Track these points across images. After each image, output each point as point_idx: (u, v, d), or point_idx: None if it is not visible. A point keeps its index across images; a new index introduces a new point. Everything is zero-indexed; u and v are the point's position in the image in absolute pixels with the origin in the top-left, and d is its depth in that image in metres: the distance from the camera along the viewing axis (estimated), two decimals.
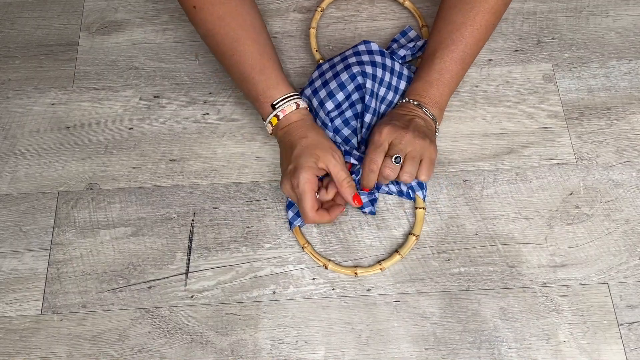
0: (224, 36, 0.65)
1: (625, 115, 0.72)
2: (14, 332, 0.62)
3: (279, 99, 0.64)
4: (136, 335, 0.62)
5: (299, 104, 0.65)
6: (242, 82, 0.66)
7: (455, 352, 0.60)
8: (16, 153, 0.72)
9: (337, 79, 0.66)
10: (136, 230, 0.67)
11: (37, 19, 0.82)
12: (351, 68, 0.66)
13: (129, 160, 0.71)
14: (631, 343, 0.60)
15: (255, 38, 0.66)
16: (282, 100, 0.64)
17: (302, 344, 0.61)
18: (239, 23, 0.66)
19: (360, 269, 0.63)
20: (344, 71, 0.66)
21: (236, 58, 0.65)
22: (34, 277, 0.65)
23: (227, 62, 0.67)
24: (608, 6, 0.79)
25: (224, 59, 0.67)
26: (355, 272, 0.63)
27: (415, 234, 0.64)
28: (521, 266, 0.64)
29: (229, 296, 0.63)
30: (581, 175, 0.68)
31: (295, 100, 0.65)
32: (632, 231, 0.65)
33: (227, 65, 0.67)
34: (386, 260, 0.63)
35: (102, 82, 0.76)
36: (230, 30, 0.65)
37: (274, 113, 0.64)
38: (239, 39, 0.65)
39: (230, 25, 0.65)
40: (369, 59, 0.67)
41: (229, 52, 0.65)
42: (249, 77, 0.65)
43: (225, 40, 0.65)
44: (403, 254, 0.64)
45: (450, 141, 0.71)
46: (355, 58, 0.67)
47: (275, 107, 0.64)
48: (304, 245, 0.64)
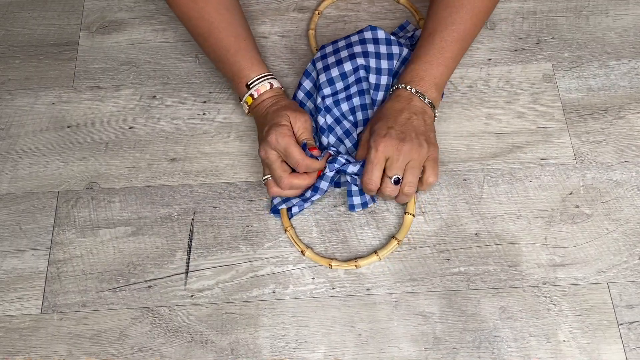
0: (199, 19, 0.67)
1: (625, 114, 0.72)
2: (13, 331, 0.62)
3: (253, 78, 0.66)
4: (136, 334, 0.62)
5: (273, 84, 0.67)
6: (219, 63, 0.69)
7: (455, 352, 0.60)
8: (16, 152, 0.72)
9: (339, 67, 0.67)
10: (136, 230, 0.67)
11: (37, 19, 0.82)
12: (356, 60, 0.66)
13: (128, 159, 0.71)
14: (631, 342, 0.60)
15: (229, 20, 0.68)
16: (256, 80, 0.66)
17: (302, 343, 0.61)
18: (214, 6, 0.67)
19: (336, 262, 0.63)
20: (348, 61, 0.67)
21: (212, 41, 0.68)
22: (33, 276, 0.65)
23: (204, 44, 0.69)
24: (608, 6, 0.79)
25: (201, 42, 0.69)
26: (330, 264, 0.63)
27: (398, 238, 0.64)
28: (521, 266, 0.64)
29: (228, 295, 0.63)
30: (581, 174, 0.68)
31: (269, 80, 0.67)
32: (632, 231, 0.65)
33: (204, 48, 0.70)
34: (363, 259, 0.63)
35: (102, 82, 0.76)
36: (205, 14, 0.67)
37: (248, 93, 0.66)
38: (213, 22, 0.67)
39: (204, 8, 0.67)
40: (374, 49, 0.67)
41: (204, 34, 0.68)
42: (224, 58, 0.67)
43: (200, 23, 0.67)
44: (381, 256, 0.63)
45: (450, 141, 0.71)
46: (360, 47, 0.67)
47: (249, 87, 0.66)
48: (287, 229, 0.65)
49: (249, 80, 0.66)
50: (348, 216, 0.67)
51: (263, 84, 0.66)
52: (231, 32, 0.68)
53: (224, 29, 0.67)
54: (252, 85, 0.66)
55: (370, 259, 0.63)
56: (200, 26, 0.67)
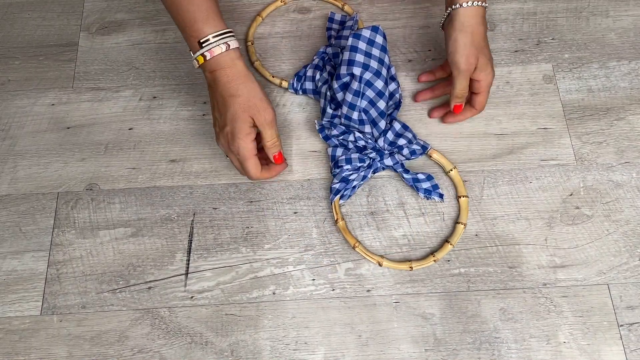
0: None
1: (626, 115, 0.72)
2: (13, 333, 0.62)
3: (208, 36, 0.59)
4: (136, 336, 0.62)
5: (230, 45, 0.60)
6: (171, 7, 0.61)
7: (455, 353, 0.60)
8: (16, 153, 0.72)
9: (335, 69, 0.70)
10: (136, 231, 0.67)
11: (37, 20, 0.81)
12: (353, 68, 0.65)
13: (128, 160, 0.71)
14: (631, 344, 0.60)
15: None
16: (211, 38, 0.59)
17: (302, 345, 0.61)
18: None
19: (415, 263, 0.64)
20: (343, 67, 0.66)
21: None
22: (33, 277, 0.65)
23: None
24: (608, 7, 0.79)
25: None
26: (410, 267, 0.63)
27: (463, 222, 0.65)
28: (521, 267, 0.64)
29: (228, 297, 0.63)
30: (581, 175, 0.68)
31: (226, 40, 0.60)
32: (632, 232, 0.65)
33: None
34: (439, 252, 0.64)
35: (102, 83, 0.76)
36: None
37: (200, 52, 0.60)
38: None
39: None
40: (368, 59, 0.66)
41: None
42: (177, 3, 0.60)
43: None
44: (454, 242, 0.64)
45: (450, 141, 0.71)
46: (357, 55, 0.66)
47: (202, 45, 0.59)
48: (355, 245, 0.65)
49: (203, 36, 0.59)
50: (348, 217, 0.67)
51: (219, 45, 0.59)
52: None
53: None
54: (206, 44, 0.59)
55: (445, 250, 0.64)
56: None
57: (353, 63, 0.64)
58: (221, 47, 0.59)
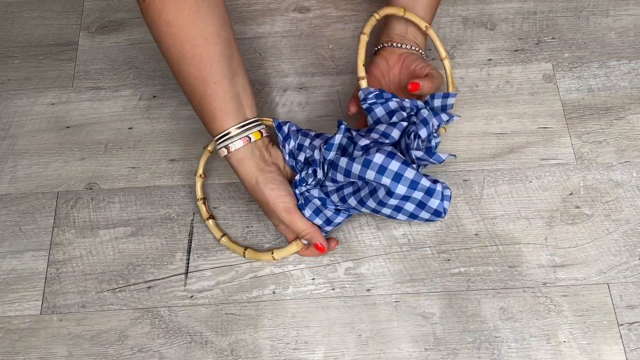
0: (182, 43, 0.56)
1: (626, 115, 0.72)
2: (13, 332, 0.62)
3: (224, 132, 0.58)
4: (136, 335, 0.62)
5: (250, 138, 0.58)
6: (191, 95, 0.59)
7: (455, 352, 0.60)
8: (16, 153, 0.72)
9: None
10: (136, 230, 0.67)
11: (36, 19, 0.81)
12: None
13: (128, 160, 0.71)
14: (631, 343, 0.60)
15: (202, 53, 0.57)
16: (228, 135, 0.58)
17: (302, 344, 0.61)
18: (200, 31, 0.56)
19: (250, 251, 0.64)
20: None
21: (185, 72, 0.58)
22: (33, 277, 0.65)
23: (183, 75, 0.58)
24: (608, 6, 0.79)
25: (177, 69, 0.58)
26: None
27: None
28: (521, 266, 0.64)
29: (228, 296, 0.63)
30: (581, 175, 0.68)
31: (247, 133, 0.58)
32: (632, 231, 0.65)
33: (180, 77, 0.58)
34: (280, 250, 0.64)
35: (102, 82, 0.76)
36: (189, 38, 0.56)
37: (221, 145, 0.59)
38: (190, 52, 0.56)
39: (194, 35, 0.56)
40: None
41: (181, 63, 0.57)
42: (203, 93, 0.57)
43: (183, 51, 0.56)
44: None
45: (450, 141, 0.71)
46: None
47: (217, 141, 0.59)
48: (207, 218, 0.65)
49: (218, 133, 0.58)
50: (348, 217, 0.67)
51: (237, 141, 0.58)
52: (204, 66, 0.56)
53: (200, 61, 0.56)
54: (223, 141, 0.58)
55: (288, 250, 0.63)
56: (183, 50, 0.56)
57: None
58: (238, 143, 0.58)
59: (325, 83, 0.75)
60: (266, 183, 0.59)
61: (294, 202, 0.60)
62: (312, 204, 0.61)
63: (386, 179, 0.56)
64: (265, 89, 0.75)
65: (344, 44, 0.77)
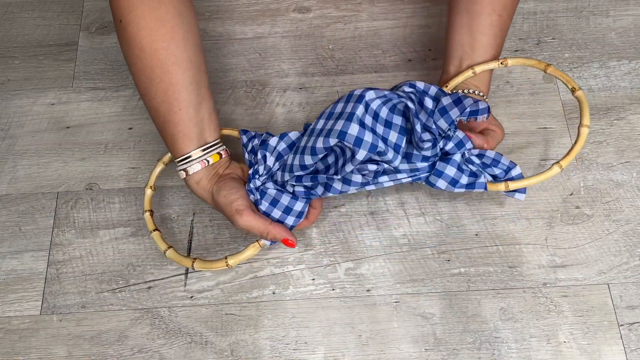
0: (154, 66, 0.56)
1: (626, 115, 0.72)
2: (13, 333, 0.62)
3: (185, 156, 0.58)
4: (135, 335, 0.62)
5: (208, 161, 0.59)
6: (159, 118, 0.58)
7: (456, 353, 0.60)
8: (15, 153, 0.72)
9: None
10: (136, 231, 0.67)
11: (36, 19, 0.81)
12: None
13: (128, 160, 0.71)
14: (632, 344, 0.60)
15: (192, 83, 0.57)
16: (189, 159, 0.58)
17: (302, 345, 0.61)
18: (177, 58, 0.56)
19: (199, 262, 0.60)
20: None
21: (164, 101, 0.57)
22: (33, 277, 0.65)
23: (150, 96, 0.57)
24: (608, 6, 0.79)
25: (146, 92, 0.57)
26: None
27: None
28: (521, 266, 0.64)
29: (228, 296, 0.63)
30: (581, 175, 0.68)
31: (205, 157, 0.58)
32: (632, 231, 0.65)
33: (147, 97, 0.58)
34: (233, 256, 0.62)
35: (102, 82, 0.76)
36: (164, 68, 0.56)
37: (179, 168, 0.59)
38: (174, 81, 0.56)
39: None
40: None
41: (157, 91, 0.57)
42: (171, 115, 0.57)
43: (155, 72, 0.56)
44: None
45: None
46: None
47: (180, 162, 0.59)
48: (152, 231, 0.61)
49: (182, 155, 0.58)
50: (348, 217, 0.67)
51: (194, 165, 0.58)
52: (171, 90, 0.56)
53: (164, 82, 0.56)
54: (182, 164, 0.58)
55: (241, 255, 0.58)
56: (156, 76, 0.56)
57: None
58: (196, 166, 0.58)
59: (325, 83, 0.75)
60: (219, 191, 0.58)
61: (247, 202, 0.58)
62: (268, 195, 0.59)
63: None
64: (265, 89, 0.75)
65: (344, 44, 0.77)
